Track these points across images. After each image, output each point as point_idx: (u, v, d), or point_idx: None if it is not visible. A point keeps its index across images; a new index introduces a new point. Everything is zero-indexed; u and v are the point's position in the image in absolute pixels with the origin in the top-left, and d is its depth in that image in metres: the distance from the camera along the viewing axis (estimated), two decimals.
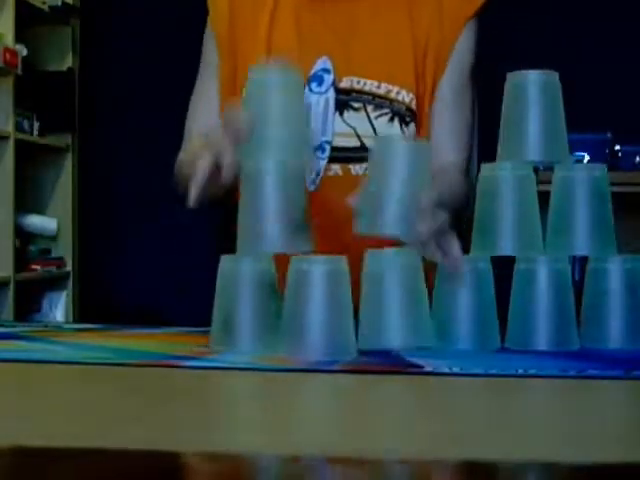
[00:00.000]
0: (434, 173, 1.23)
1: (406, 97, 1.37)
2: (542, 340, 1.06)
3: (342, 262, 1.00)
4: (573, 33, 3.50)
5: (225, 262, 1.06)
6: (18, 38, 3.23)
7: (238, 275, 1.04)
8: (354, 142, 1.37)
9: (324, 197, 1.34)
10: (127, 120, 3.73)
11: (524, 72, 1.10)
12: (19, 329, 1.30)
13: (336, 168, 1.37)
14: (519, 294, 1.09)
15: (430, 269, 1.07)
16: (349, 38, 1.39)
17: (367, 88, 1.37)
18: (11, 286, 3.20)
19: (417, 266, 1.04)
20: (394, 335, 1.02)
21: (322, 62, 1.38)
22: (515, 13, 3.15)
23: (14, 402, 0.78)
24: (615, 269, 1.09)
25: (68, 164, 3.60)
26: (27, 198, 3.49)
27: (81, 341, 1.13)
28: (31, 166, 3.51)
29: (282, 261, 1.04)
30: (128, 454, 0.58)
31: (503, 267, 1.11)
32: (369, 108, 1.37)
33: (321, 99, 1.37)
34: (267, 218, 1.06)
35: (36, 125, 3.46)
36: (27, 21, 3.35)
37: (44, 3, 3.40)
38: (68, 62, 3.60)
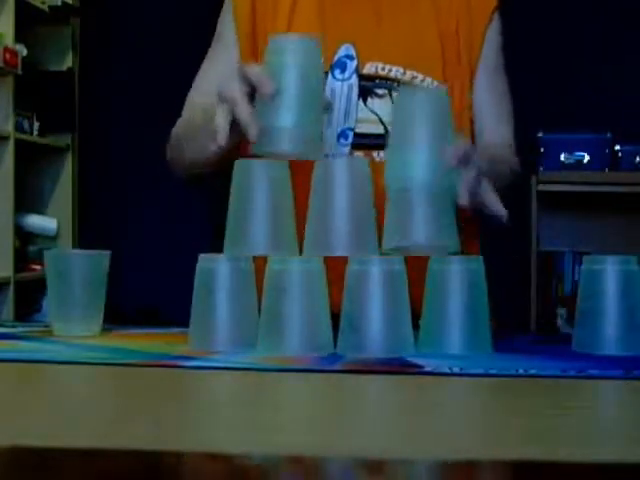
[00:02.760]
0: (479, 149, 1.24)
1: (431, 84, 1.36)
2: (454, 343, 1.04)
3: (318, 262, 1.03)
4: (573, 33, 3.50)
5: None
6: (18, 38, 3.23)
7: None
8: (378, 129, 1.35)
9: None
10: (127, 120, 3.73)
11: None
12: (19, 329, 1.30)
13: (359, 155, 1.35)
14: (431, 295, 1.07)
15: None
16: (373, 25, 1.38)
17: (392, 74, 1.35)
18: (11, 286, 3.19)
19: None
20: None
21: (345, 48, 1.36)
22: (515, 15, 3.15)
23: (14, 402, 0.78)
24: (610, 270, 1.05)
25: (68, 164, 3.60)
26: (27, 198, 3.49)
27: (81, 341, 1.13)
28: (31, 166, 3.51)
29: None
30: (128, 454, 0.58)
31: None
32: (394, 94, 1.34)
33: (344, 85, 1.36)
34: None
35: (36, 125, 3.46)
36: (27, 21, 3.35)
37: (44, 3, 3.40)
38: (68, 62, 3.60)
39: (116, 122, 3.75)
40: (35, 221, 3.50)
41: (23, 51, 3.27)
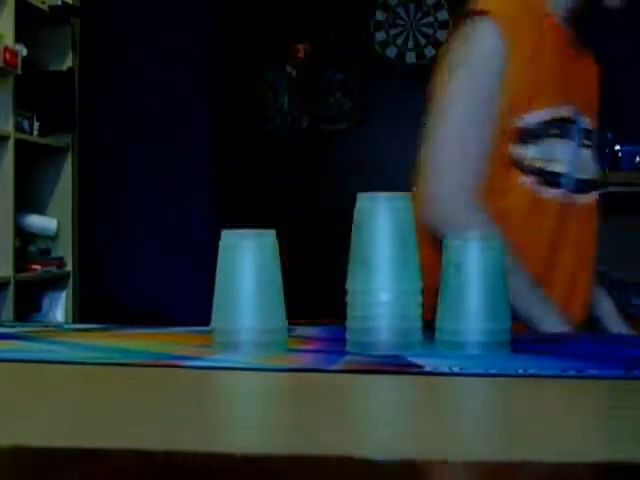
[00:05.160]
0: None
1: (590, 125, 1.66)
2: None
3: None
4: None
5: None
6: (18, 38, 3.23)
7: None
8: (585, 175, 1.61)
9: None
10: (127, 120, 3.73)
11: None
12: (19, 329, 1.30)
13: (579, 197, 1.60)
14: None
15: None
16: (581, 90, 1.67)
17: (589, 126, 1.63)
18: (11, 286, 3.20)
19: None
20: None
21: (571, 108, 1.58)
22: None
23: (14, 402, 0.78)
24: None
25: (68, 164, 3.60)
26: (27, 198, 3.49)
27: (81, 341, 1.13)
28: (31, 166, 3.52)
29: None
30: (128, 454, 0.58)
31: None
32: (587, 142, 1.61)
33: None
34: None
35: (36, 125, 3.46)
36: (27, 21, 3.35)
37: (44, 3, 3.40)
38: (68, 62, 3.60)
39: (116, 122, 3.75)
40: (35, 221, 3.50)
41: (23, 51, 3.27)
